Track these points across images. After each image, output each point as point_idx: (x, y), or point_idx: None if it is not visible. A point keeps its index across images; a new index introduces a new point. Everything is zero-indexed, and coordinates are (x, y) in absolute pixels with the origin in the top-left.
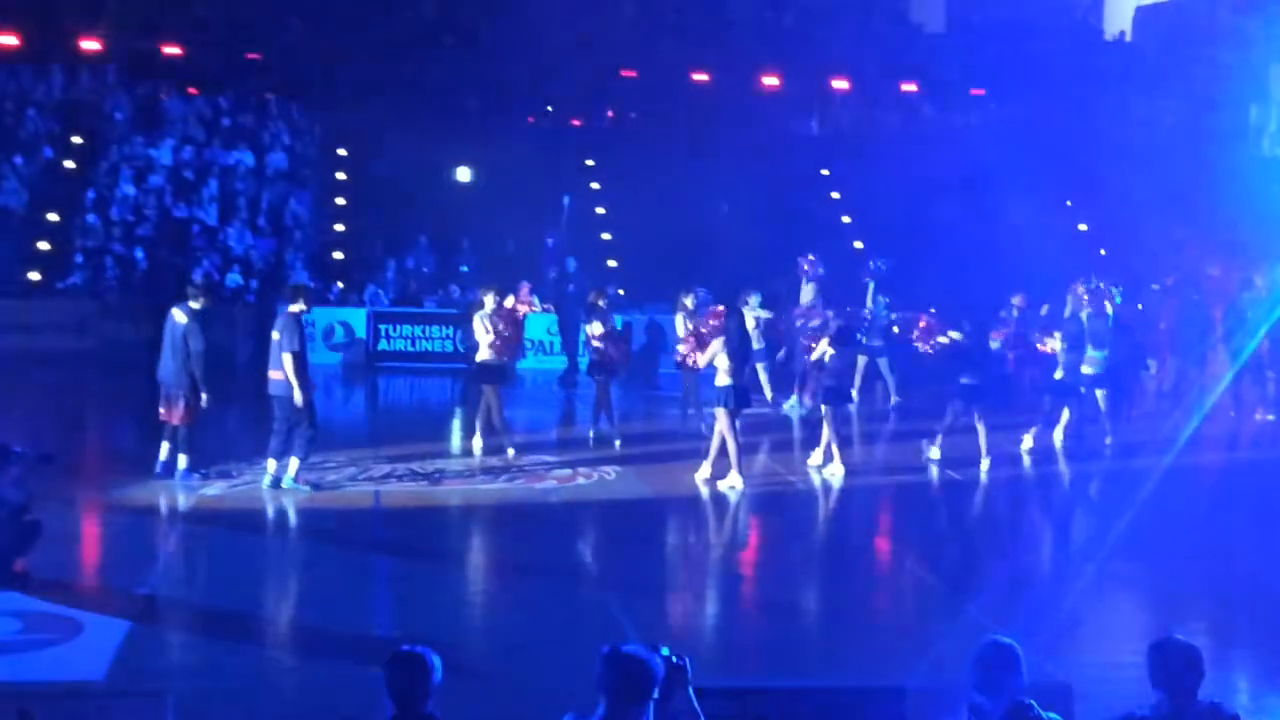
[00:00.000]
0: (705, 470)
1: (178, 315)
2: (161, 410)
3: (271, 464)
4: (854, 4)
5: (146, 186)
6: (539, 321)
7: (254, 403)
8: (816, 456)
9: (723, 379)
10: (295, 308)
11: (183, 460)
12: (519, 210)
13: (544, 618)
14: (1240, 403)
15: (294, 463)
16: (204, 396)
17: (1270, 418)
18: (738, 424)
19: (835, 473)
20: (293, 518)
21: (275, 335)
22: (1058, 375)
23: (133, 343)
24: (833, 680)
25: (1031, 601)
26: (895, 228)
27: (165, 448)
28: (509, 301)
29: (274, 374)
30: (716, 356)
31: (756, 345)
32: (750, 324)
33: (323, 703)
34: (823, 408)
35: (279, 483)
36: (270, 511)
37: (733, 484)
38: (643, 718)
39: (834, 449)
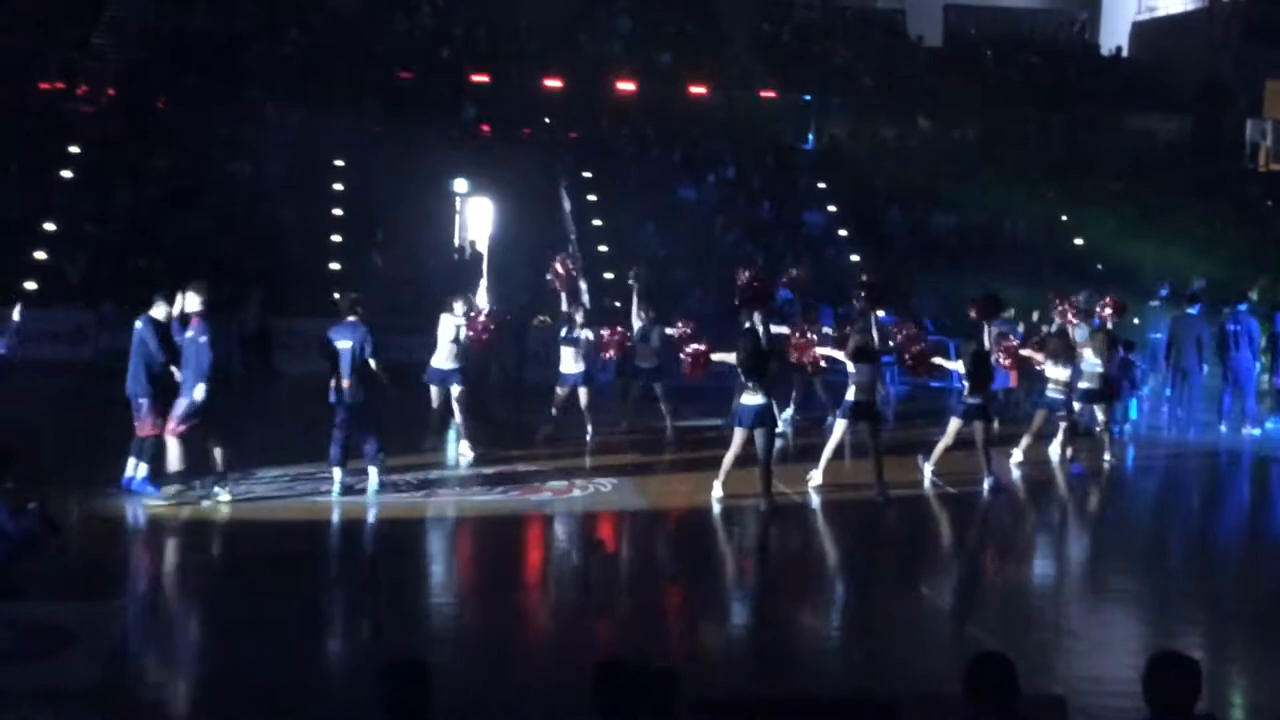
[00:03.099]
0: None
1: (137, 324)
2: (136, 424)
3: (374, 471)
4: (852, 17)
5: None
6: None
7: (248, 413)
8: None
9: (742, 397)
10: (355, 317)
11: (135, 468)
12: (517, 222)
13: (538, 629)
14: (1230, 416)
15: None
16: (144, 403)
17: (1256, 431)
18: (743, 439)
19: (815, 481)
20: (286, 529)
21: (345, 344)
22: (1050, 391)
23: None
24: (826, 693)
25: (1026, 614)
26: (891, 241)
27: (131, 462)
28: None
29: (346, 382)
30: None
31: (449, 364)
32: (449, 333)
33: (317, 714)
34: (839, 421)
35: (385, 486)
36: (263, 522)
37: (715, 494)
38: None
39: (824, 460)
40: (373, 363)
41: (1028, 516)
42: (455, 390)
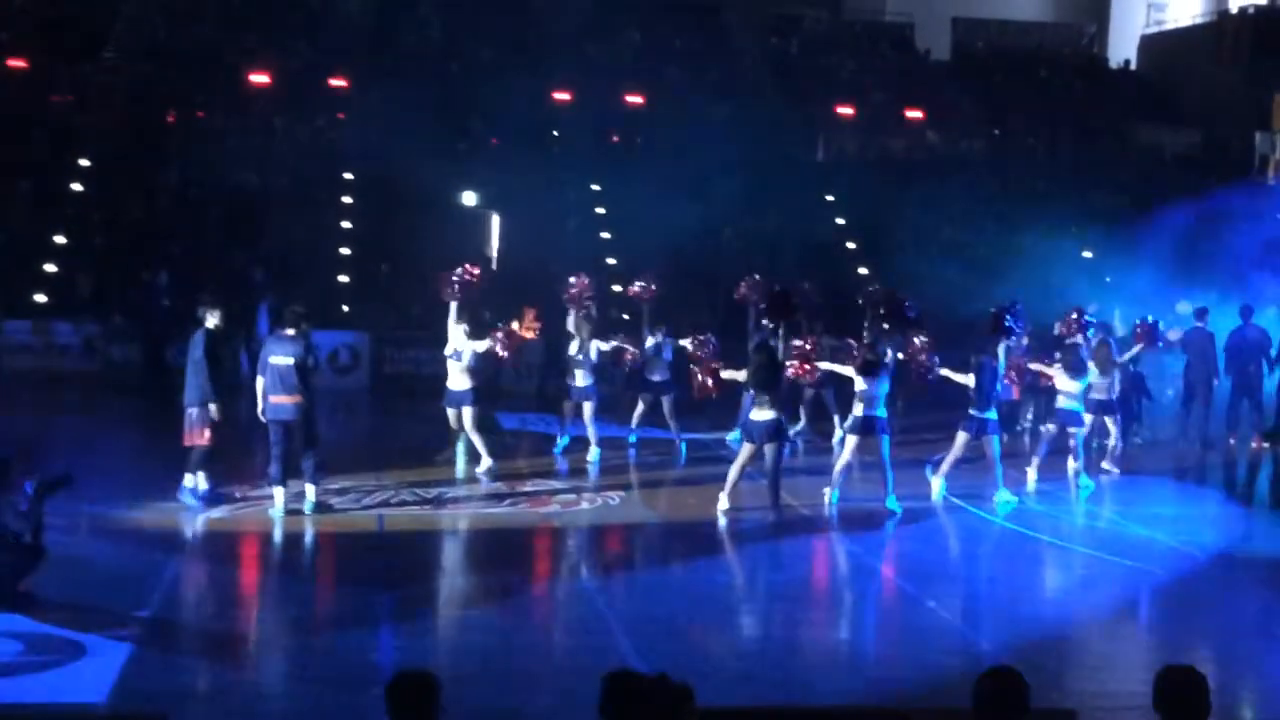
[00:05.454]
0: (724, 501)
1: (195, 336)
2: (185, 434)
3: (311, 489)
4: (860, 31)
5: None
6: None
7: (251, 425)
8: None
9: (753, 413)
10: (295, 331)
11: (189, 480)
12: (525, 234)
13: (546, 642)
14: (1239, 429)
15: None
16: (213, 407)
17: (1265, 444)
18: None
19: (826, 494)
20: (297, 542)
21: (287, 360)
22: (1060, 403)
23: (139, 365)
24: (836, 706)
25: (1036, 629)
26: (900, 254)
27: (196, 475)
28: (515, 327)
29: (286, 398)
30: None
31: (463, 385)
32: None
33: None
34: (849, 437)
35: (320, 506)
36: (274, 535)
37: (721, 505)
38: None
39: (836, 472)
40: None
41: (1037, 529)
42: (468, 410)
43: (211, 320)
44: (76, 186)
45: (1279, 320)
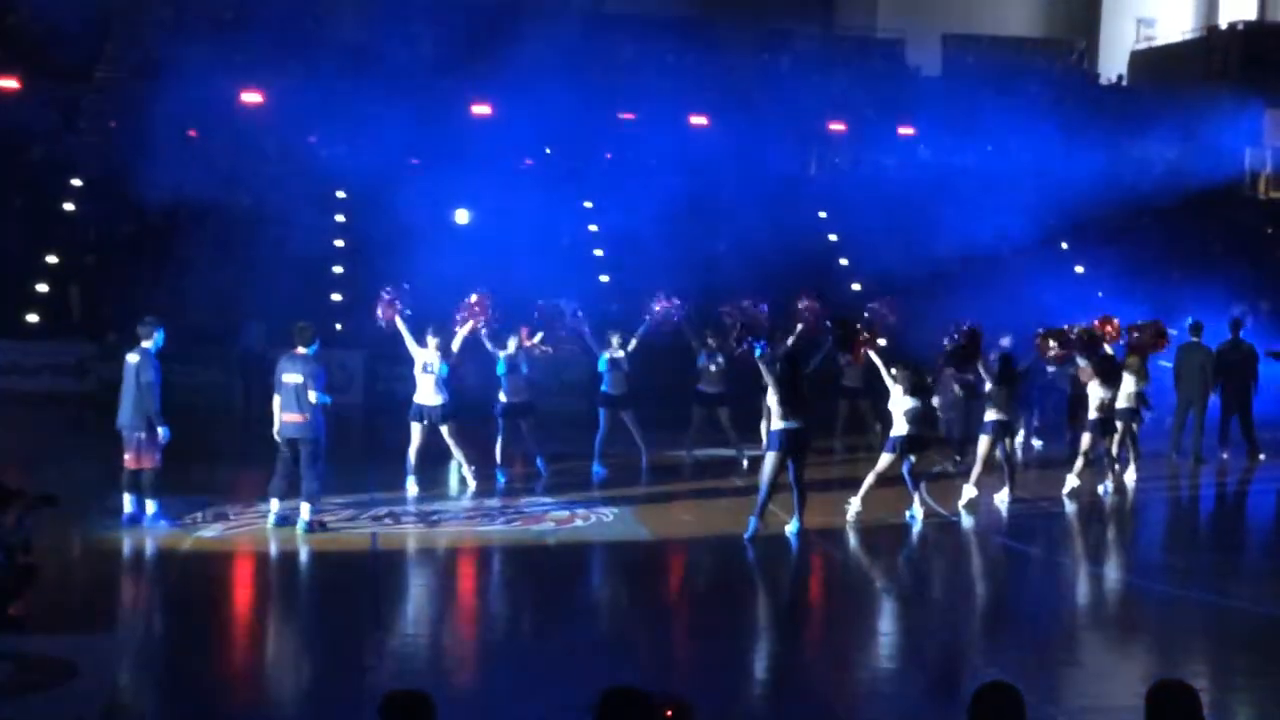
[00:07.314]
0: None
1: (131, 357)
2: (127, 458)
3: (306, 507)
4: (851, 47)
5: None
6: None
7: (250, 443)
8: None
9: (774, 423)
10: (307, 350)
11: (150, 505)
12: (517, 252)
13: (541, 661)
14: (1233, 443)
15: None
16: (160, 431)
17: (1263, 457)
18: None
19: (855, 506)
20: (289, 561)
21: (296, 378)
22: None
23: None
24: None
25: (1031, 643)
26: (892, 269)
27: (127, 497)
28: (510, 345)
29: (295, 417)
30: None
31: (433, 399)
32: (423, 365)
33: None
34: (886, 456)
35: (313, 526)
36: (266, 554)
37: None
38: None
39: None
40: (313, 395)
41: (1038, 540)
42: (445, 426)
43: (149, 342)
44: (68, 206)
45: (1259, 331)
